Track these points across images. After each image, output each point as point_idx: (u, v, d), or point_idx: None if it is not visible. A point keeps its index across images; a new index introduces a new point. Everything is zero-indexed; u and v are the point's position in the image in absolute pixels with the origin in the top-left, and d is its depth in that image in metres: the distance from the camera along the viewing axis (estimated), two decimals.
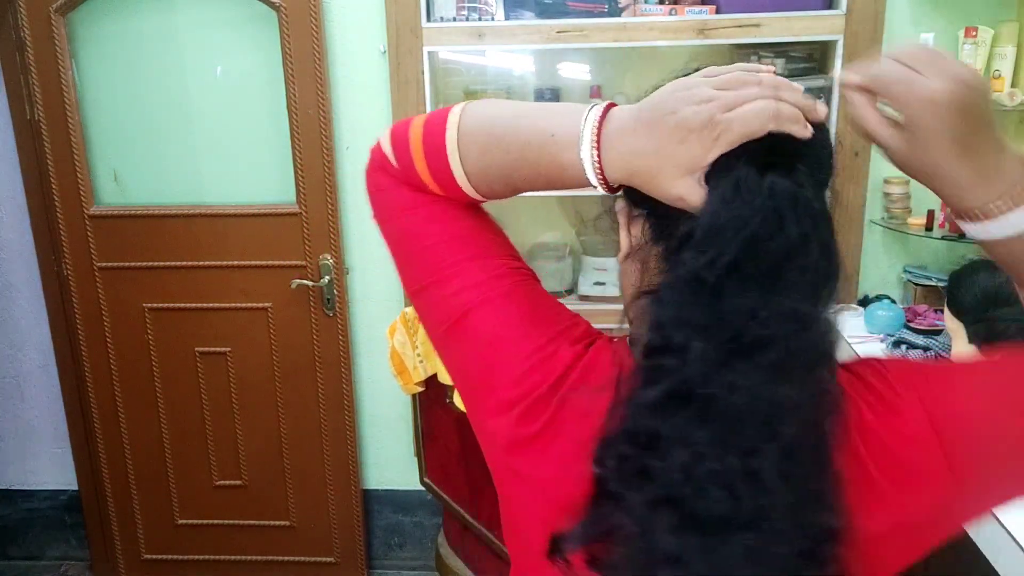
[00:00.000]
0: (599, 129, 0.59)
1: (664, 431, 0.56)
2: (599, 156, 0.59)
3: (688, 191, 0.57)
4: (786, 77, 0.59)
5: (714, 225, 0.55)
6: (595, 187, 0.61)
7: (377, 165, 0.72)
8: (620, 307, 0.72)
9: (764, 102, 0.55)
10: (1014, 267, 0.60)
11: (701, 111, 0.55)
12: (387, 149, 0.70)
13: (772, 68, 0.59)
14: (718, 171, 0.56)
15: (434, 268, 0.68)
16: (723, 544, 0.55)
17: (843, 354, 0.62)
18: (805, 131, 0.56)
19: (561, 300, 0.72)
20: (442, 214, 0.69)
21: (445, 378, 2.06)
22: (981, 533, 1.29)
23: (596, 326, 0.72)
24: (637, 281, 0.67)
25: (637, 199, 0.64)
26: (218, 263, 2.35)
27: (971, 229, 0.58)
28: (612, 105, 0.61)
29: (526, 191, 0.67)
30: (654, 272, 0.63)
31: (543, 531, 0.63)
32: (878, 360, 0.66)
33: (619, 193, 0.65)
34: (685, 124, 0.55)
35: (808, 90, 0.68)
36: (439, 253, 0.68)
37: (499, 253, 0.70)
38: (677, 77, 0.61)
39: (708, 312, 0.55)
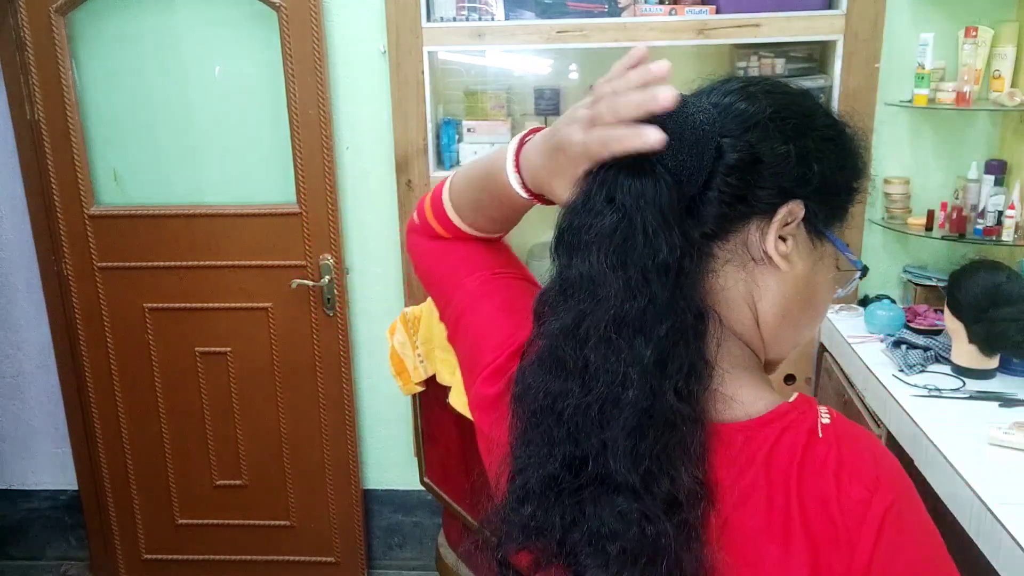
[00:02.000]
0: (518, 152, 0.70)
1: (528, 392, 0.64)
2: (520, 173, 0.70)
3: (567, 195, 0.64)
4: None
5: (556, 227, 0.63)
6: (530, 201, 0.71)
7: (410, 229, 0.89)
8: None
9: (601, 130, 0.59)
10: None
11: (566, 134, 0.62)
12: (415, 216, 0.87)
13: (664, 65, 0.60)
14: (589, 175, 0.62)
15: (444, 291, 0.83)
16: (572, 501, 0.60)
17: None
18: (641, 141, 0.57)
19: None
20: (447, 250, 0.84)
21: (445, 378, 2.06)
22: (981, 533, 1.29)
23: None
24: None
25: None
26: (218, 263, 2.35)
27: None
28: (537, 130, 0.70)
29: (500, 219, 0.79)
30: None
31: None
32: (873, 451, 0.61)
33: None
34: (558, 144, 0.63)
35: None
36: (446, 281, 0.83)
37: (487, 266, 0.81)
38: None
39: (553, 282, 0.64)
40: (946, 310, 1.77)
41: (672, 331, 0.58)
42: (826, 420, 0.61)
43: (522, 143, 0.70)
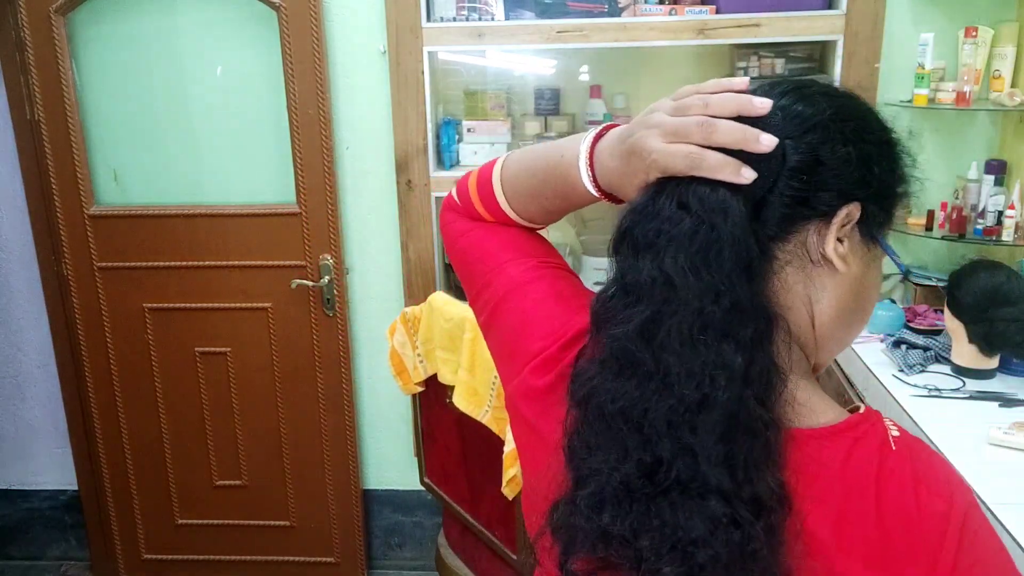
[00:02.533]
0: (592, 148, 0.69)
1: (594, 397, 0.62)
2: (592, 171, 0.69)
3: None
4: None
5: (621, 211, 0.64)
6: (598, 199, 0.71)
7: (447, 206, 0.88)
8: None
9: (687, 148, 0.59)
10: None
11: (643, 139, 0.62)
12: (454, 194, 0.86)
13: (745, 82, 0.62)
14: (660, 182, 0.62)
15: (484, 273, 0.81)
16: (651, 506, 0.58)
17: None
18: (736, 176, 0.58)
19: None
20: (490, 233, 0.82)
21: (445, 378, 2.06)
22: None
23: None
24: None
25: None
26: (218, 263, 2.35)
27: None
28: (612, 127, 0.69)
29: (554, 211, 0.78)
30: None
31: (548, 490, 0.65)
32: (943, 463, 0.61)
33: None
34: (632, 148, 0.63)
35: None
36: (487, 262, 0.81)
37: (534, 254, 0.80)
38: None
39: (615, 284, 0.63)
40: (946, 310, 1.77)
41: (755, 334, 0.58)
42: (896, 433, 0.61)
43: (597, 139, 0.69)
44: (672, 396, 0.58)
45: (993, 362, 1.75)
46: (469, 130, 2.25)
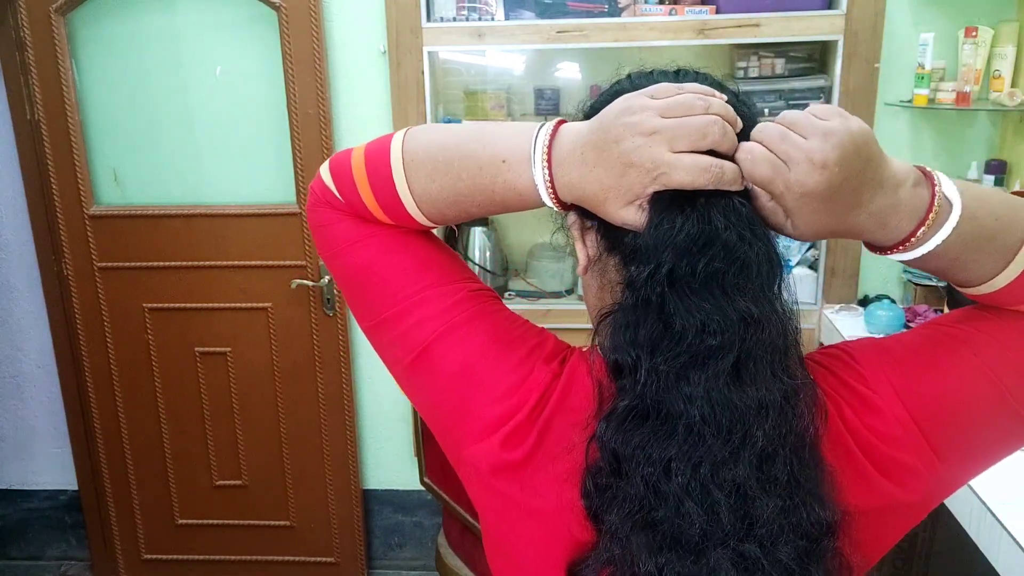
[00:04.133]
0: (549, 149, 0.59)
1: (624, 452, 0.56)
2: (551, 178, 0.59)
3: (632, 217, 0.58)
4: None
5: (651, 243, 0.56)
6: (550, 207, 0.61)
7: (319, 200, 0.69)
8: None
9: (705, 160, 0.55)
10: (934, 272, 0.63)
11: (643, 149, 0.55)
12: (328, 182, 0.67)
13: (723, 98, 0.58)
14: (659, 195, 0.57)
15: (392, 300, 0.66)
16: (700, 559, 0.54)
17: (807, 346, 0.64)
18: (739, 186, 0.57)
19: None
20: (395, 243, 0.67)
21: None
22: (981, 533, 1.29)
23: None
24: (598, 292, 0.68)
25: (588, 213, 0.63)
26: (218, 263, 2.35)
27: (890, 256, 0.61)
28: (562, 122, 0.61)
29: (479, 216, 0.66)
30: (615, 282, 0.64)
31: (544, 559, 0.63)
32: (845, 349, 0.66)
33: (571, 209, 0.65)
34: (627, 158, 0.55)
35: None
36: (397, 284, 0.66)
37: (459, 277, 0.68)
38: (618, 83, 0.64)
39: (656, 328, 0.56)
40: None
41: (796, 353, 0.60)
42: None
43: (551, 142, 0.59)
44: (786, 426, 0.57)
45: None
46: None
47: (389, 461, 2.61)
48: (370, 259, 0.67)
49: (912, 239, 0.58)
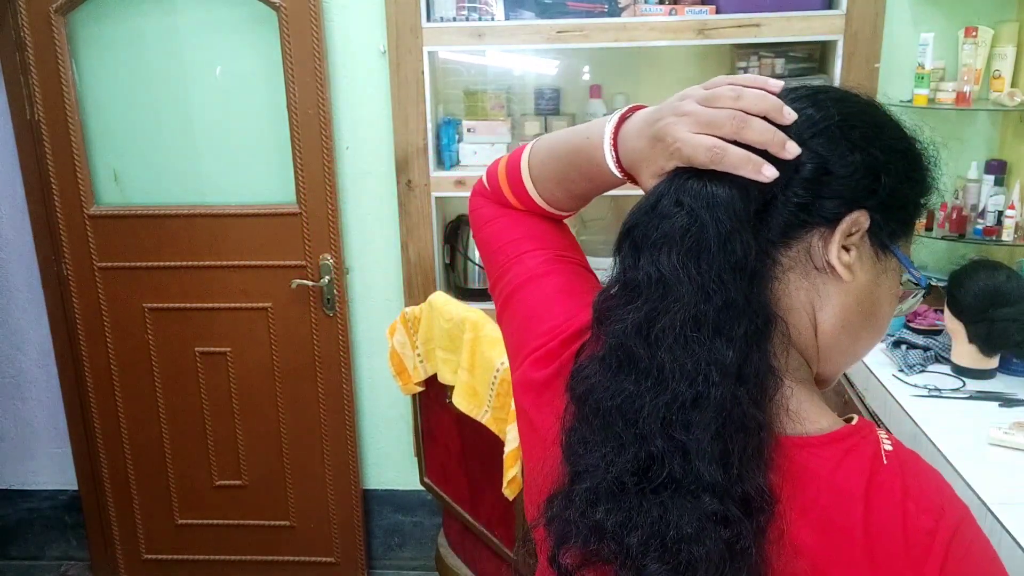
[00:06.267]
0: (617, 128, 0.68)
1: (579, 390, 0.63)
2: (616, 152, 0.68)
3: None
4: (786, 77, 0.60)
5: (622, 226, 0.64)
6: (617, 175, 0.70)
7: (476, 191, 0.89)
8: None
9: (711, 141, 0.59)
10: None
11: (670, 126, 0.61)
12: (484, 179, 0.87)
13: (779, 84, 0.62)
14: (675, 174, 0.62)
15: (503, 262, 0.82)
16: (642, 504, 0.58)
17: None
18: (756, 174, 0.58)
19: None
20: (513, 222, 0.83)
21: (445, 378, 2.06)
22: None
23: None
24: None
25: None
26: (218, 263, 2.35)
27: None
28: (637, 108, 0.69)
29: (580, 195, 0.78)
30: None
31: (545, 489, 0.64)
32: (936, 479, 0.61)
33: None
34: (659, 133, 0.62)
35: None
36: (507, 251, 0.82)
37: (553, 247, 0.81)
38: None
39: (619, 280, 0.63)
40: (946, 310, 1.77)
41: (749, 333, 0.58)
42: (888, 447, 0.60)
43: (622, 120, 0.68)
44: (667, 393, 0.58)
45: (993, 362, 1.75)
46: (469, 130, 2.25)
47: (389, 461, 2.61)
48: (497, 232, 0.84)
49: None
